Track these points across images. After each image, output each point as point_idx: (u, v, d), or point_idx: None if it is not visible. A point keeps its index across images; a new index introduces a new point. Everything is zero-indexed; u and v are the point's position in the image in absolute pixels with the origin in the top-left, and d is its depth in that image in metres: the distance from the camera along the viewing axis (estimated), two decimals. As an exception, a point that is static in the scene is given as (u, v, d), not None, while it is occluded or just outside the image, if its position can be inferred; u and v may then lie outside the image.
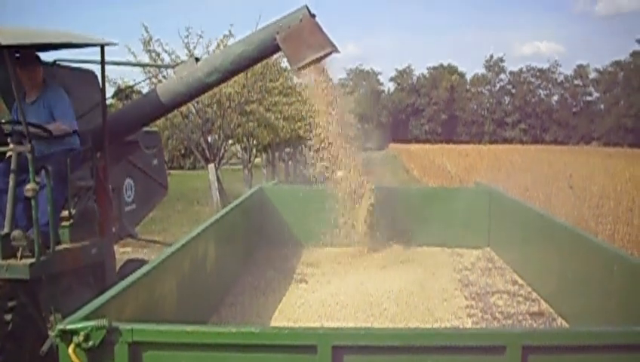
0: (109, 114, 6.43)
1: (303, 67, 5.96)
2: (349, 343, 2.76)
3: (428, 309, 5.15)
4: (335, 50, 5.96)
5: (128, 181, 7.05)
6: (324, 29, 5.99)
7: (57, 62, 6.46)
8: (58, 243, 5.32)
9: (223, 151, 19.44)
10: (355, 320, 4.78)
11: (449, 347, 2.76)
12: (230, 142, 21.22)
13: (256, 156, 25.39)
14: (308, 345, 2.73)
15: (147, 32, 16.71)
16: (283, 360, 2.77)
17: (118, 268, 6.97)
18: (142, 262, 7.32)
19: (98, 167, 5.99)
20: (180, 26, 24.51)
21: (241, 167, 24.89)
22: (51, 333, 4.91)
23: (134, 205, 7.17)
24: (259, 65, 18.70)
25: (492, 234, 7.40)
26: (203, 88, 6.40)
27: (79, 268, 5.62)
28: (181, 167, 38.28)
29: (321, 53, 5.92)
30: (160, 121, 20.31)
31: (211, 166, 17.53)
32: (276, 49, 6.10)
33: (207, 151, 18.75)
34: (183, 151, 35.01)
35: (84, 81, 6.66)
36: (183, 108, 19.00)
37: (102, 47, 5.97)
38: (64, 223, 5.51)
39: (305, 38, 5.89)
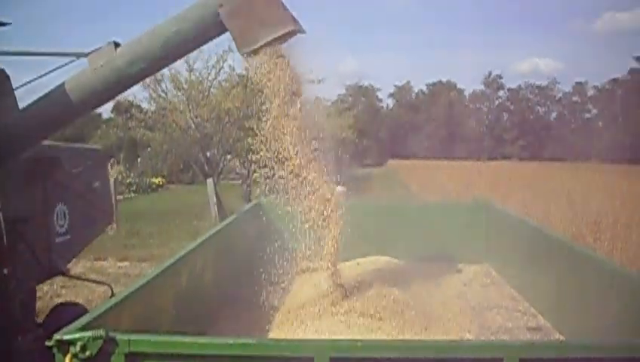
0: None
1: (255, 51, 4.67)
2: (346, 355, 2.76)
3: (426, 325, 5.13)
4: (298, 29, 4.66)
5: (60, 207, 5.97)
6: (285, 3, 4.68)
7: None
8: None
9: (221, 165, 19.47)
10: (351, 335, 4.75)
11: (446, 359, 2.76)
12: (229, 157, 21.28)
13: (254, 171, 25.41)
14: (305, 356, 2.73)
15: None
16: (280, 372, 2.77)
17: (46, 313, 6.30)
18: (77, 307, 6.43)
19: None
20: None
21: (240, 182, 24.92)
22: None
23: (68, 235, 6.08)
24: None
25: (490, 249, 7.40)
26: (125, 82, 4.87)
27: None
28: (180, 182, 38.40)
29: (279, 33, 4.58)
30: (159, 135, 20.49)
31: (210, 181, 17.55)
32: (220, 28, 4.64)
33: (205, 166, 18.79)
34: (181, 166, 35.14)
35: None
36: (182, 123, 19.09)
37: None
38: None
39: (257, 12, 4.57)
